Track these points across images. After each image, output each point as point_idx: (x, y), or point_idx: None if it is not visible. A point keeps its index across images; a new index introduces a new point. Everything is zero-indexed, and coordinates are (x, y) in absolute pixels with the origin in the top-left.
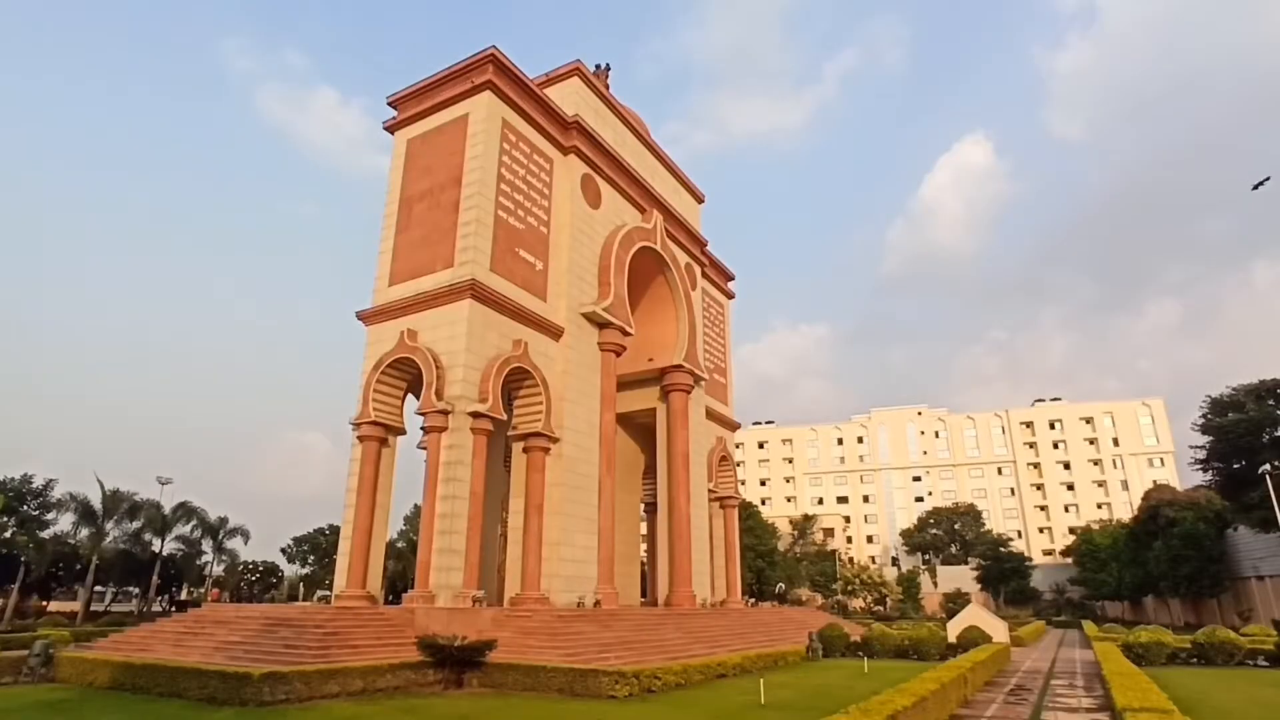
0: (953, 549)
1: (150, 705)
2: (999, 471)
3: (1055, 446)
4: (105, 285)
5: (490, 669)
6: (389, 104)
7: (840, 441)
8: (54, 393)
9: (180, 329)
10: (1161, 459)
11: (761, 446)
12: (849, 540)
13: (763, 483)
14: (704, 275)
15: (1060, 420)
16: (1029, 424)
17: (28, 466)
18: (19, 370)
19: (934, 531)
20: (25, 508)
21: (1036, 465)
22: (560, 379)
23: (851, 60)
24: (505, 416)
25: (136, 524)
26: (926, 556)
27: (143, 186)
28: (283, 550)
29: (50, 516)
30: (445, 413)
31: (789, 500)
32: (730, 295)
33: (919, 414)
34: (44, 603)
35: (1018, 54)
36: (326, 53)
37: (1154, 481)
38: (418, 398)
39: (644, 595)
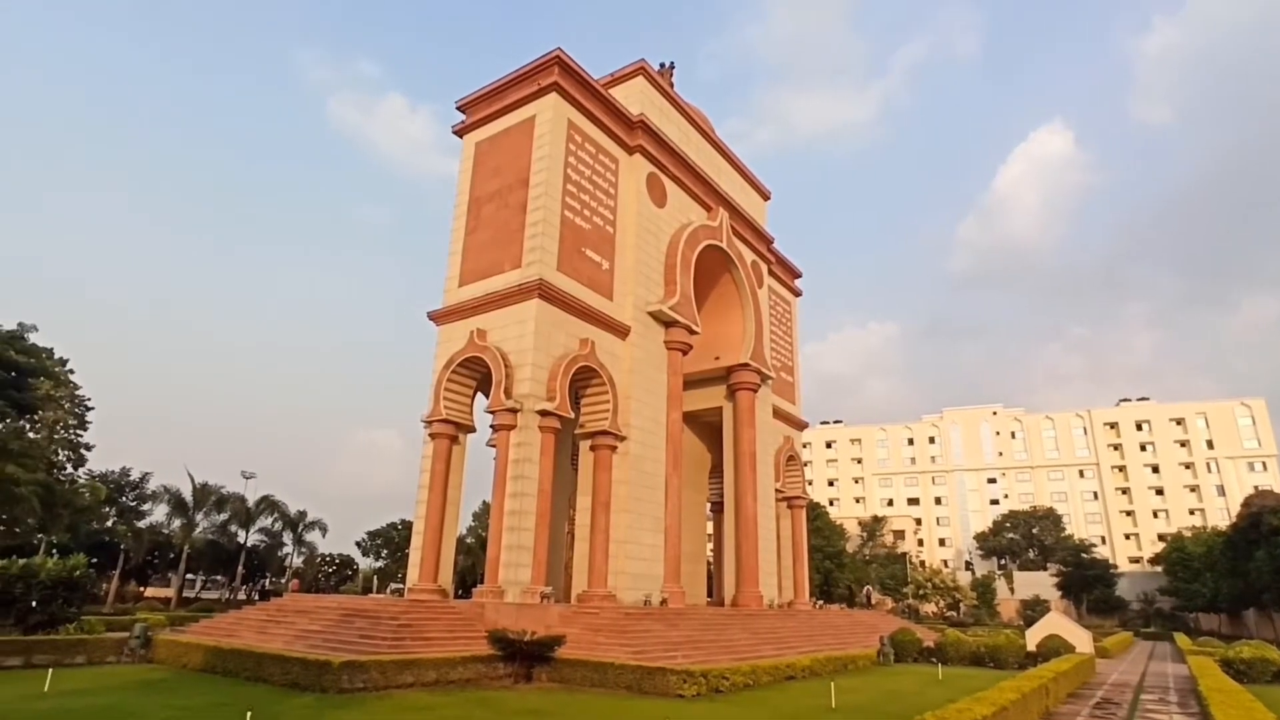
0: (1030, 554)
1: (239, 688)
2: (1080, 474)
3: (1143, 449)
4: (190, 292)
5: (559, 664)
6: (458, 108)
7: (911, 441)
8: (146, 388)
9: (261, 330)
10: (1264, 463)
11: (829, 446)
12: (920, 543)
13: (830, 483)
14: (770, 273)
15: (1148, 421)
16: (1113, 425)
17: (124, 460)
18: (120, 366)
19: (1010, 535)
20: (124, 499)
21: (1122, 468)
22: (626, 377)
23: (921, 50)
24: (573, 415)
25: (223, 516)
26: (1002, 561)
27: (226, 192)
28: (357, 544)
29: (146, 508)
30: (514, 411)
31: (858, 501)
32: (797, 293)
33: (994, 414)
34: (141, 588)
35: (1100, 37)
36: (397, 61)
37: (1255, 487)
38: (487, 396)
39: (710, 595)
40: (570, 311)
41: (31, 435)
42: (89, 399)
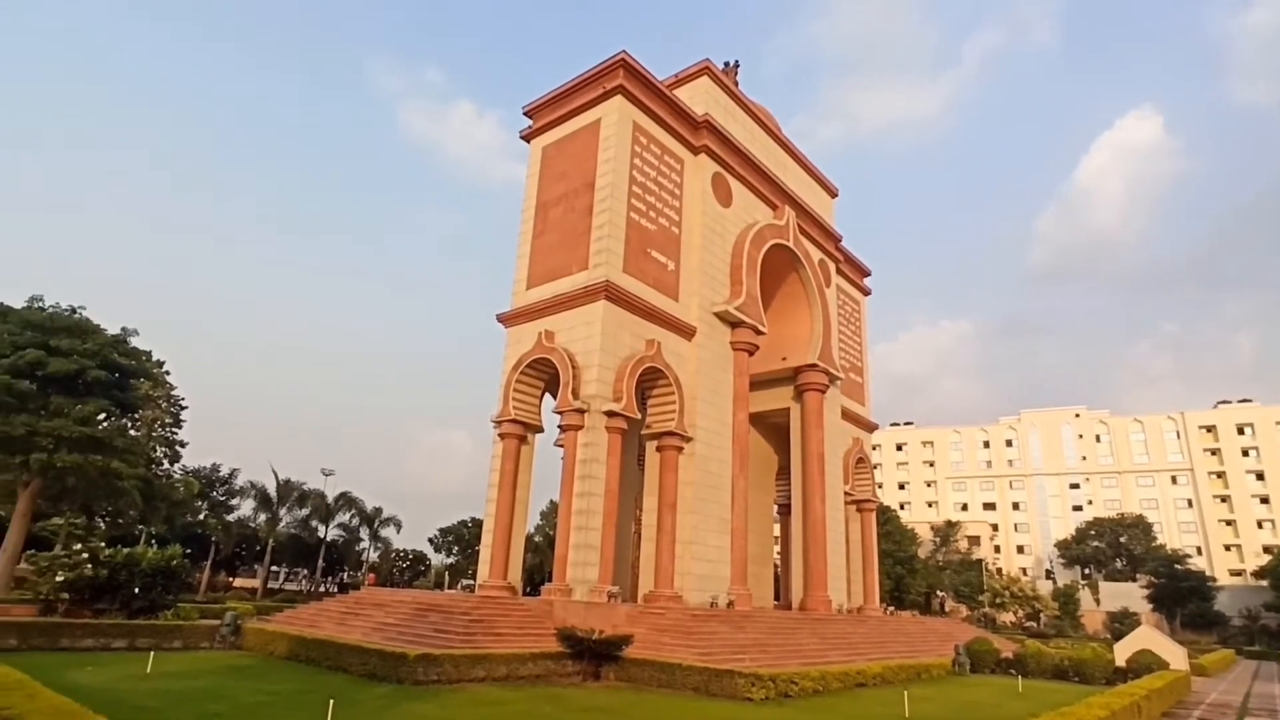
0: (1118, 564)
1: (321, 677)
2: (1173, 480)
3: (1245, 454)
4: (274, 302)
5: (626, 664)
6: (524, 113)
7: (986, 444)
8: (232, 388)
9: (337, 333)
10: None
11: (900, 449)
12: (997, 550)
13: (901, 486)
14: (838, 272)
15: (1251, 424)
16: (1210, 428)
17: (214, 456)
18: (209, 366)
19: (1095, 544)
20: (214, 494)
21: (1220, 474)
22: (693, 378)
23: (995, 38)
24: (639, 415)
25: (305, 511)
26: (1086, 570)
27: (302, 200)
28: (430, 540)
29: (235, 502)
30: (581, 411)
31: (930, 505)
32: (866, 292)
33: (1076, 415)
34: (230, 578)
35: (1195, 15)
36: (464, 68)
37: None
38: (555, 397)
39: (776, 598)
40: (636, 312)
41: (133, 433)
42: (183, 398)
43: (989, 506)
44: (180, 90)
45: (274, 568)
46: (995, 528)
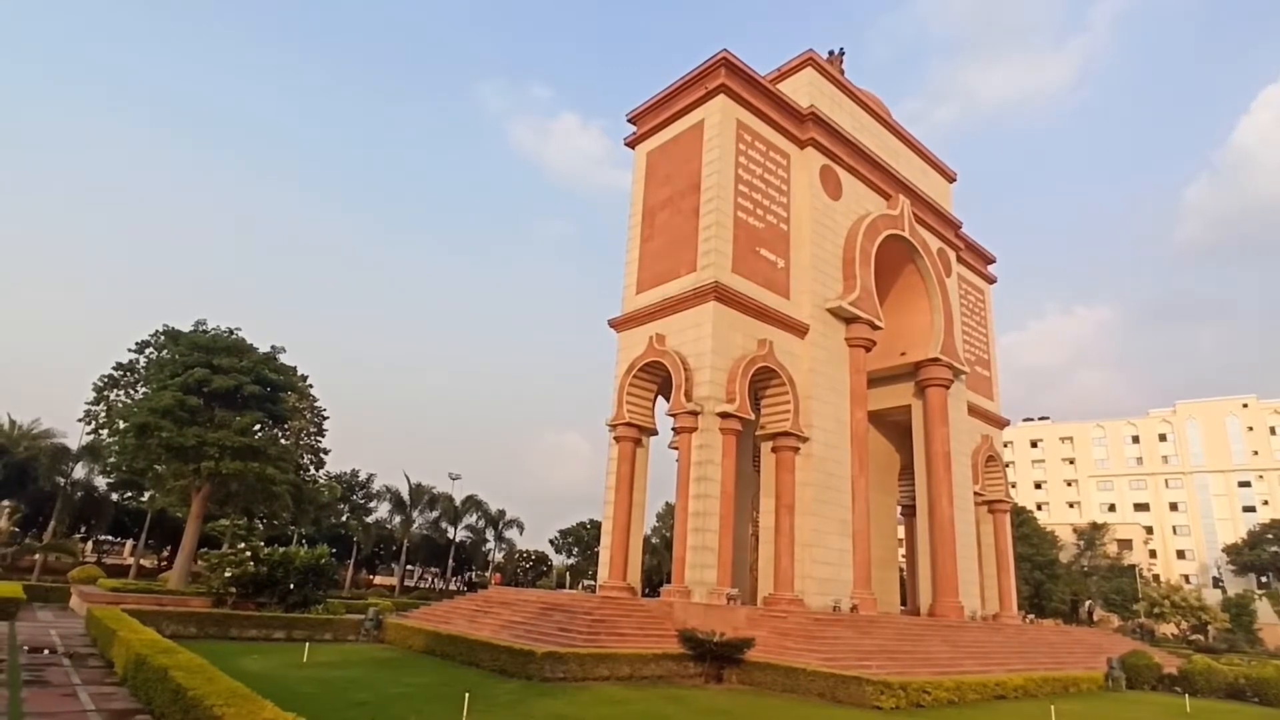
0: None
1: (454, 670)
2: None
3: None
4: (393, 316)
5: (748, 667)
6: (628, 120)
7: (1136, 439)
8: (363, 400)
9: (459, 344)
10: None
11: (1035, 445)
12: (1152, 554)
13: (1038, 486)
14: (959, 260)
15: None
16: None
17: (352, 463)
18: (338, 383)
19: (1274, 549)
20: (354, 497)
21: None
22: (807, 377)
23: None
24: (753, 416)
25: (435, 513)
26: (1264, 579)
27: (434, 227)
28: (550, 541)
29: (372, 505)
30: (694, 413)
31: (1071, 506)
32: (991, 280)
33: (1244, 406)
34: (370, 576)
35: None
36: (567, 81)
37: None
38: (668, 399)
39: (903, 604)
40: (747, 312)
41: (283, 442)
42: (324, 409)
43: (1141, 507)
44: (312, 132)
45: (409, 567)
46: (1149, 530)
